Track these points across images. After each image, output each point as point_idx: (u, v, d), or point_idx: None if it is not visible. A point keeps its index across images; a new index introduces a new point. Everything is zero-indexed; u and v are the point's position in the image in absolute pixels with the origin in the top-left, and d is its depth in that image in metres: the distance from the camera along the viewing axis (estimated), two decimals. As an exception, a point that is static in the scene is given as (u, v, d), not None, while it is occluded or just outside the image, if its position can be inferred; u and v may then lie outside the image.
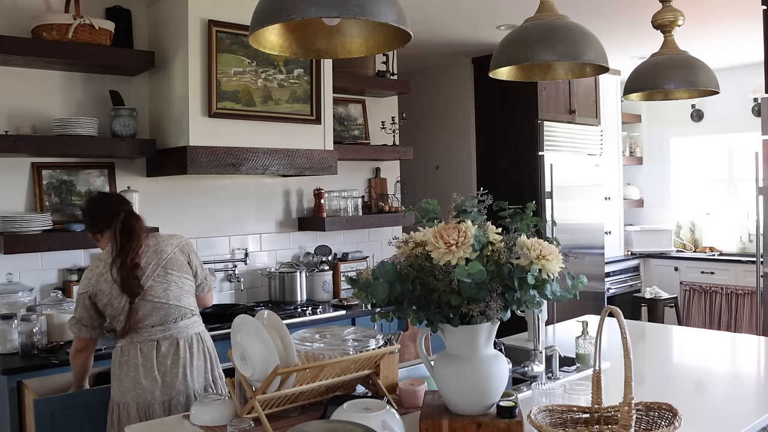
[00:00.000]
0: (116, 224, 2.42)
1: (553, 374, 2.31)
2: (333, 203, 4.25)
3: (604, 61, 2.03)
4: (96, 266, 2.43)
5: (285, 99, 3.58)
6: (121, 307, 2.39)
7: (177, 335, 2.46)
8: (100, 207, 2.57)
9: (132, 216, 2.49)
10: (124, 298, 2.39)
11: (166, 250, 2.50)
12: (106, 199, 2.66)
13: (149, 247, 2.48)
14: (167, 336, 2.44)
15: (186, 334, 2.48)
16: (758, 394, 2.27)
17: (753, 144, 5.39)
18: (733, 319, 6.04)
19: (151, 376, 2.38)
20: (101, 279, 2.40)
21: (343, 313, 3.80)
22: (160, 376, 2.39)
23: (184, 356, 2.44)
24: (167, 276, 2.47)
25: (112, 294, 2.39)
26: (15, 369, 2.75)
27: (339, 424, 1.58)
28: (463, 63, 5.80)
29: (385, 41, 1.74)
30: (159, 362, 2.41)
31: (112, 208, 2.49)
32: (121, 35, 3.38)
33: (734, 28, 4.80)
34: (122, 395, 2.38)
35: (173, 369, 2.41)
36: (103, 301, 2.41)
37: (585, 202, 5.67)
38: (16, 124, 3.17)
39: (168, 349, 2.43)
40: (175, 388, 2.40)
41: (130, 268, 2.38)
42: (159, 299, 2.44)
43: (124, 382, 2.39)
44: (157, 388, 2.38)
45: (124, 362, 2.41)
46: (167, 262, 2.48)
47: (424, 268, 1.66)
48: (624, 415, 1.53)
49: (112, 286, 2.38)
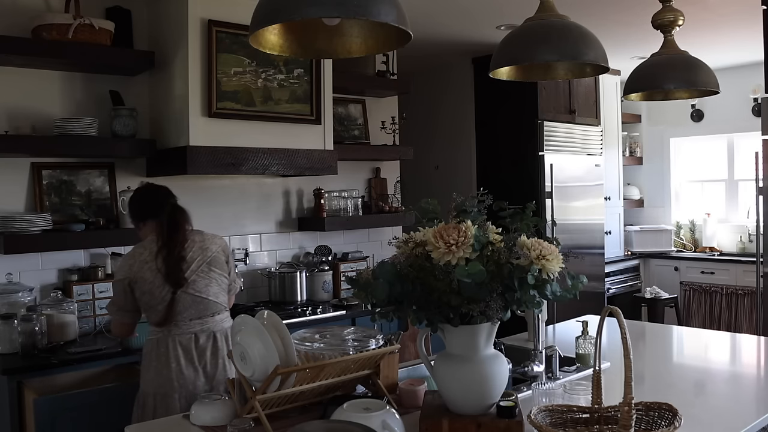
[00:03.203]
0: (163, 216, 2.51)
1: (553, 374, 2.31)
2: (333, 203, 4.25)
3: (604, 61, 2.02)
4: (139, 253, 2.49)
5: (285, 99, 3.58)
6: (161, 297, 2.45)
7: (213, 328, 2.55)
8: (148, 197, 2.65)
9: (178, 209, 2.58)
10: (166, 288, 2.45)
11: (211, 248, 2.61)
12: (154, 190, 2.70)
13: (195, 242, 2.57)
14: (204, 329, 2.52)
15: (221, 327, 2.57)
16: (758, 394, 2.27)
17: (753, 144, 5.39)
18: (733, 319, 6.04)
19: (193, 367, 2.46)
20: (145, 267, 2.46)
21: (343, 313, 3.80)
22: (201, 367, 2.48)
23: (222, 347, 2.54)
24: (210, 273, 2.57)
25: (154, 283, 2.45)
26: (15, 369, 2.75)
27: (339, 424, 1.58)
28: (463, 63, 5.79)
29: (385, 41, 1.74)
30: (199, 354, 2.48)
31: (160, 200, 2.59)
32: (121, 35, 3.38)
33: (734, 28, 4.79)
34: (161, 386, 2.42)
35: (213, 360, 2.51)
36: (143, 289, 2.45)
37: (585, 202, 5.67)
38: (16, 124, 3.17)
39: (206, 341, 2.51)
40: (215, 378, 2.50)
41: (176, 259, 2.46)
42: (200, 294, 2.52)
43: (163, 374, 2.43)
44: (199, 378, 2.46)
45: (162, 354, 2.46)
46: (211, 260, 2.58)
47: (424, 268, 1.66)
48: (624, 415, 1.53)
49: (156, 275, 2.45)
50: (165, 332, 2.47)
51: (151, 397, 2.43)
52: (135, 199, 2.68)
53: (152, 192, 2.68)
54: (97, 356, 2.92)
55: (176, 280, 2.45)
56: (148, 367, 2.48)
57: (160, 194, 2.64)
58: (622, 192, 6.51)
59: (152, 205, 2.59)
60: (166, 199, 2.60)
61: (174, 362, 2.44)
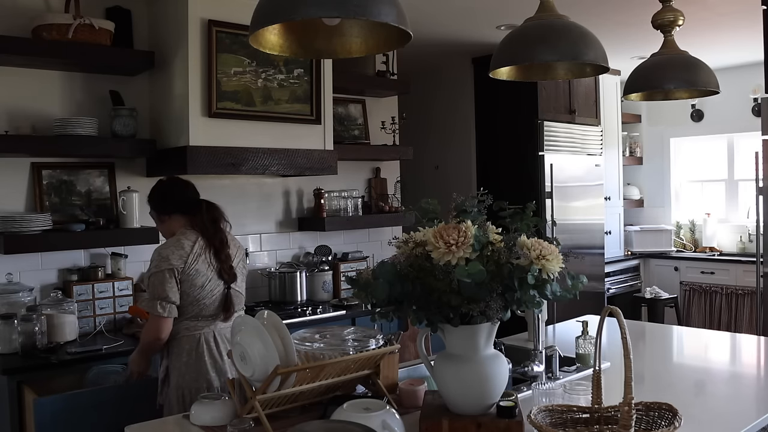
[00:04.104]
0: (202, 213, 2.55)
1: (553, 374, 2.31)
2: (333, 203, 4.25)
3: (604, 61, 2.02)
4: (189, 245, 2.47)
5: (285, 99, 3.58)
6: (212, 291, 2.48)
7: None
8: (177, 189, 2.65)
9: (215, 207, 2.61)
10: (218, 283, 2.49)
11: (242, 246, 2.71)
12: (182, 184, 2.68)
13: (232, 240, 2.64)
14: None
15: None
16: (758, 394, 2.27)
17: (753, 144, 5.39)
18: (733, 319, 6.03)
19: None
20: (199, 259, 2.47)
21: (343, 313, 3.80)
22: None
23: None
24: (244, 269, 2.67)
25: (207, 276, 2.47)
26: (15, 369, 2.75)
27: (339, 424, 1.58)
28: (463, 63, 5.79)
29: (385, 41, 1.74)
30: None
31: (190, 195, 2.62)
32: (121, 35, 3.38)
33: (734, 28, 4.79)
34: (216, 379, 2.44)
35: None
36: (196, 282, 2.45)
37: (585, 202, 5.67)
38: (16, 124, 3.17)
39: None
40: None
41: (225, 255, 2.53)
42: (239, 289, 2.59)
43: (216, 366, 2.46)
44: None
45: (213, 348, 2.48)
46: (242, 256, 2.68)
47: (424, 268, 1.66)
48: (624, 415, 1.53)
49: (208, 269, 2.47)
50: (212, 327, 2.50)
51: (205, 391, 2.39)
52: (161, 192, 2.66)
53: (180, 186, 2.67)
54: (97, 356, 2.91)
55: (231, 275, 2.52)
56: (194, 364, 2.44)
57: (189, 190, 2.65)
58: (622, 192, 6.51)
59: (181, 199, 2.60)
60: (195, 195, 2.63)
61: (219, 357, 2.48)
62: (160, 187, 2.68)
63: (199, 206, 2.58)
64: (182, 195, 2.62)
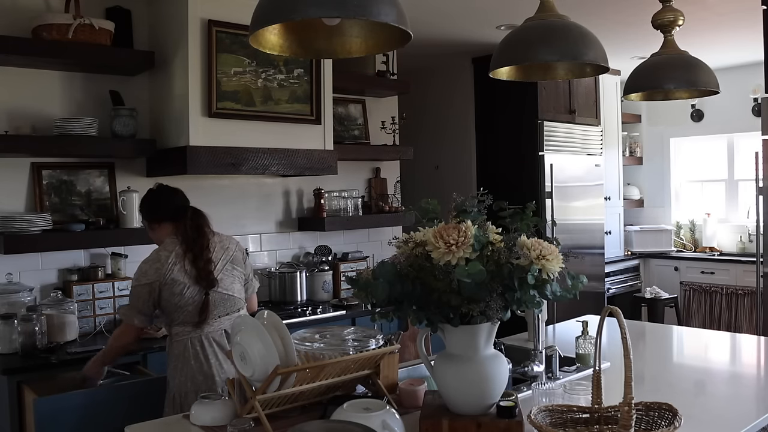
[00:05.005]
0: (186, 220, 2.59)
1: (553, 374, 2.31)
2: (333, 203, 4.25)
3: (604, 61, 2.02)
4: (165, 257, 2.52)
5: (285, 99, 3.58)
6: (191, 297, 2.50)
7: None
8: (164, 198, 2.69)
9: (199, 213, 2.64)
10: (197, 289, 2.51)
11: (231, 247, 2.69)
12: (171, 192, 2.72)
13: (215, 243, 2.64)
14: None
15: None
16: (758, 394, 2.27)
17: (753, 144, 5.39)
18: (733, 319, 6.03)
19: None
20: (175, 269, 2.50)
21: (343, 313, 3.80)
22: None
23: None
24: (233, 271, 2.65)
25: (185, 284, 2.49)
26: (15, 369, 2.75)
27: (339, 424, 1.58)
28: (463, 63, 5.79)
29: (385, 41, 1.74)
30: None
31: (177, 202, 2.65)
32: (121, 35, 3.38)
33: (734, 28, 4.79)
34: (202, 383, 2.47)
35: None
36: (175, 291, 2.49)
37: (585, 202, 5.67)
38: (16, 124, 3.17)
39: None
40: None
41: (204, 261, 2.53)
42: (227, 291, 2.60)
43: (203, 369, 2.49)
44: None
45: (198, 352, 2.51)
46: (233, 258, 2.67)
47: (424, 268, 1.66)
48: (624, 415, 1.53)
49: (185, 277, 2.49)
50: (198, 331, 2.52)
51: (192, 394, 2.43)
52: (150, 200, 2.70)
53: (168, 194, 2.70)
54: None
55: (208, 281, 2.52)
56: (181, 368, 2.51)
57: (177, 197, 2.68)
58: (622, 192, 6.51)
59: (169, 207, 2.63)
60: (184, 202, 2.66)
61: (213, 358, 2.51)
62: (149, 196, 2.73)
63: (184, 213, 2.61)
64: (170, 203, 2.65)
